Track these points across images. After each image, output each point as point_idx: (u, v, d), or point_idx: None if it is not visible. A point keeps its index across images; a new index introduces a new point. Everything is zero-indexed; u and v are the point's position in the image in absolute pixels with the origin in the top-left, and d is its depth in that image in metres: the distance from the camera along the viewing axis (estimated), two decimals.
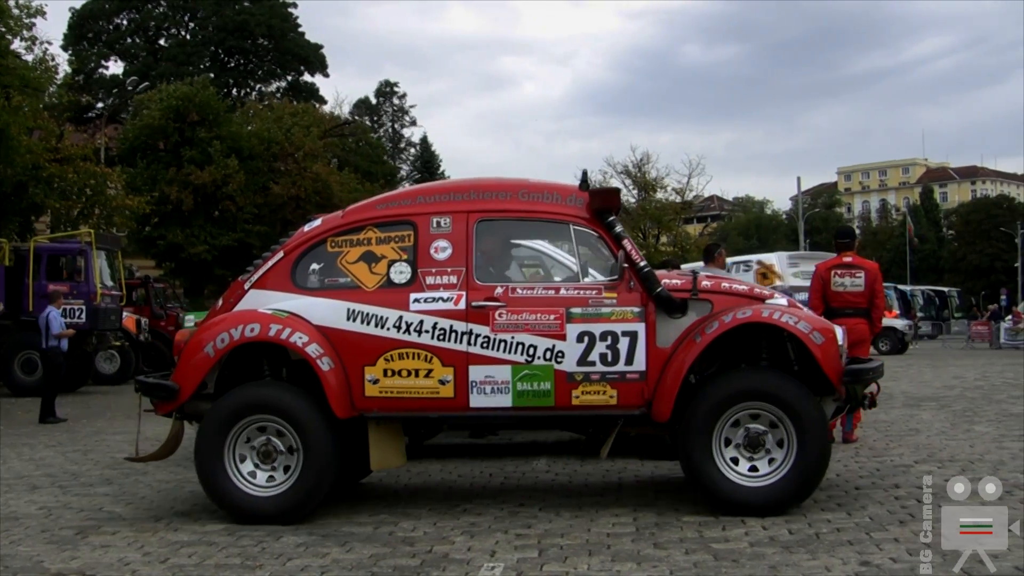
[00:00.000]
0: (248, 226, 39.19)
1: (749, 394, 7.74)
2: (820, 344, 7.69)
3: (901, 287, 62.32)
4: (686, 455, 7.80)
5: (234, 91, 58.21)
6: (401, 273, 8.10)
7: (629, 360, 7.82)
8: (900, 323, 41.52)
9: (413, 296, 7.98)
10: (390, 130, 77.69)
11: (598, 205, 8.16)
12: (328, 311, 8.02)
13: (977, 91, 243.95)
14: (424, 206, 8.31)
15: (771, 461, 7.71)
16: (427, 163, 79.92)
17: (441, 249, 8.09)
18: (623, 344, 7.84)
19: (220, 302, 8.51)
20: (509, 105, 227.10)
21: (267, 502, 7.83)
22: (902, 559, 6.21)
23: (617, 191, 8.51)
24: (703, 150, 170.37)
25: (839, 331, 7.94)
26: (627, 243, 8.02)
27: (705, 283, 8.17)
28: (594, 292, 7.95)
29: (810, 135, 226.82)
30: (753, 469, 7.72)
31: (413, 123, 78.59)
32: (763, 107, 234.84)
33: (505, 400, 7.87)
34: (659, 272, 8.17)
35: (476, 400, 7.87)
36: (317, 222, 8.54)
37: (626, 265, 7.89)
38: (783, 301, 8.26)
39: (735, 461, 7.72)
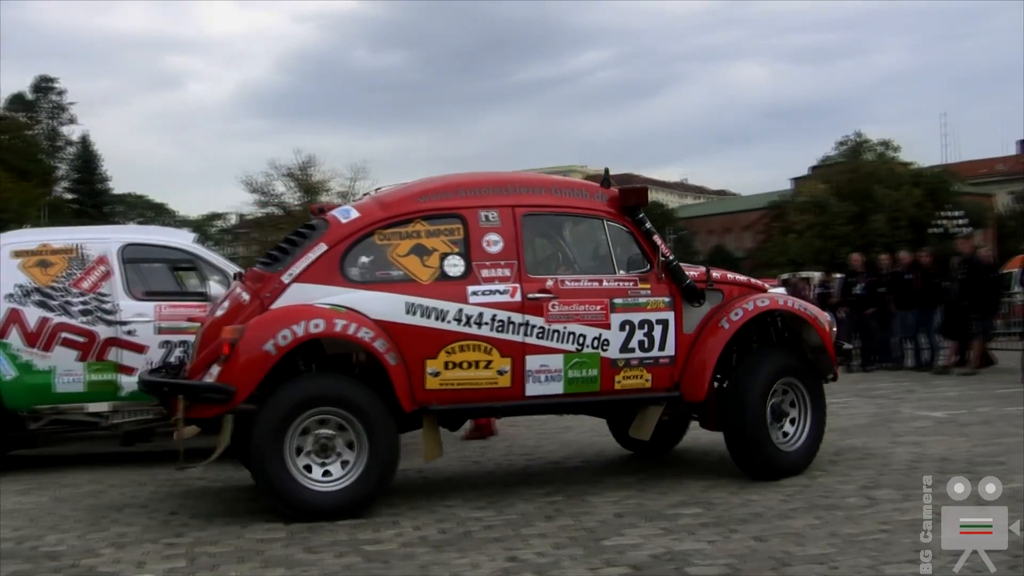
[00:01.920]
0: None
1: (786, 370, 8.94)
2: (826, 327, 9.17)
3: None
4: (750, 428, 8.67)
5: None
6: (455, 266, 8.21)
7: (662, 346, 8.60)
8: None
9: (471, 289, 8.14)
10: (47, 128, 74.57)
11: (631, 202, 8.79)
12: (385, 305, 7.94)
13: (634, 102, 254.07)
14: (469, 199, 8.48)
15: (794, 428, 9.00)
16: (87, 163, 77.23)
17: (493, 243, 8.33)
18: (657, 331, 8.59)
19: (247, 297, 8.09)
20: (176, 105, 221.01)
21: (331, 497, 7.68)
22: (548, 553, 6.40)
23: (646, 189, 9.10)
24: (369, 154, 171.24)
25: (828, 316, 9.66)
26: (656, 238, 8.77)
27: (715, 274, 9.08)
28: (631, 284, 8.60)
29: (476, 141, 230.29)
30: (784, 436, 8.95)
31: (72, 121, 75.63)
32: (430, 113, 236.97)
33: (557, 388, 8.33)
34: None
35: (531, 389, 8.24)
36: (354, 213, 8.37)
37: (664, 259, 8.69)
38: (782, 290, 9.57)
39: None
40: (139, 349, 10.30)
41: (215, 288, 10.40)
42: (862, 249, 36.25)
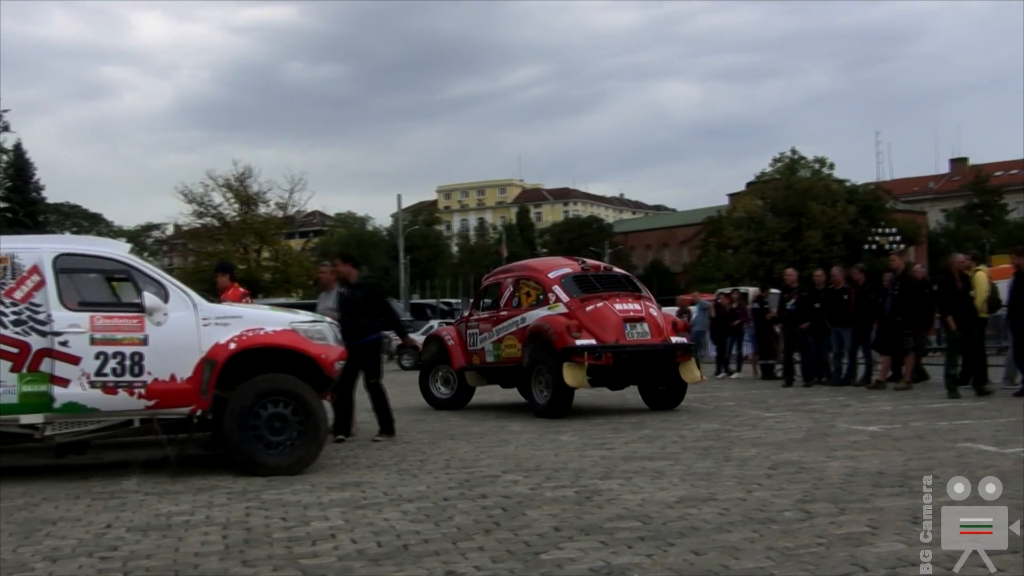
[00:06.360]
0: None
1: None
2: None
3: None
4: None
5: None
6: None
7: None
8: None
9: None
10: None
11: None
12: None
13: (568, 119, 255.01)
14: None
15: None
16: (20, 171, 76.28)
17: None
18: None
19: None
20: (109, 115, 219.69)
21: None
22: (486, 567, 6.35)
23: None
24: (305, 166, 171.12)
25: None
26: None
27: None
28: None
29: (410, 155, 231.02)
30: None
31: (6, 128, 74.48)
32: (364, 127, 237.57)
33: None
34: None
35: None
36: None
37: None
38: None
39: None
40: (73, 360, 10.04)
41: (150, 299, 10.18)
42: (797, 265, 36.51)
